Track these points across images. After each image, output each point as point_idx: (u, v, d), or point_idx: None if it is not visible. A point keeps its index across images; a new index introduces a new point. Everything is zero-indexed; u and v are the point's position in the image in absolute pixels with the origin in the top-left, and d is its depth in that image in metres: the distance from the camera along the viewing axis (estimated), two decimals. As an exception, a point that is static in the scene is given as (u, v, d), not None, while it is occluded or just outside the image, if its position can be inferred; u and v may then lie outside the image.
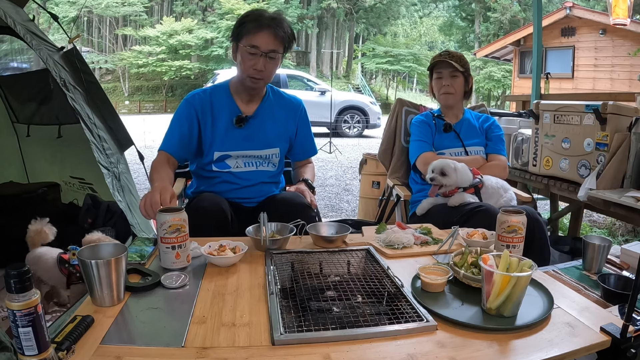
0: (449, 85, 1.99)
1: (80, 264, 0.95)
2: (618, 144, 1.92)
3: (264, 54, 1.54)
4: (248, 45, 1.53)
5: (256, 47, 1.53)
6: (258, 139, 1.70)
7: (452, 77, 1.99)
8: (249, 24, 1.53)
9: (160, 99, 21.39)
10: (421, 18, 27.60)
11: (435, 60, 2.04)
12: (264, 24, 1.52)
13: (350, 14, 24.10)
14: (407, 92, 24.03)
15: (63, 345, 0.77)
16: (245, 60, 1.56)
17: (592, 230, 3.71)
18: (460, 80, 2.00)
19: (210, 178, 1.72)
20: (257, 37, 1.53)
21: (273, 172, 1.77)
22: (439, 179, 1.77)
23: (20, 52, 3.01)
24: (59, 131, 2.81)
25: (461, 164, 1.79)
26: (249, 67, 1.56)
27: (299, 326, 0.89)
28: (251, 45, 1.53)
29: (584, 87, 9.44)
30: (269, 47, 1.54)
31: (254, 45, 1.53)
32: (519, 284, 0.90)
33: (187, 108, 1.67)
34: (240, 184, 1.71)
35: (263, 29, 1.52)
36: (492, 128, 2.09)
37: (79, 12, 19.89)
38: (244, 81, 1.62)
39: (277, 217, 1.41)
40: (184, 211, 1.18)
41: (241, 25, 1.55)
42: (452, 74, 1.98)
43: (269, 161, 1.74)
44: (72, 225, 2.42)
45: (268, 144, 1.72)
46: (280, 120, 1.75)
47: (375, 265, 1.20)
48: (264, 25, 1.52)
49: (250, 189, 1.71)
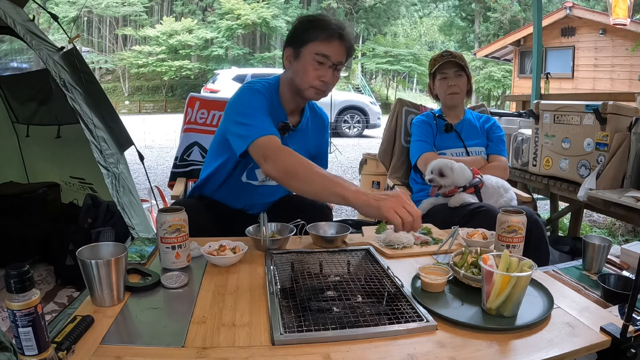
0: (455, 85, 1.99)
1: (80, 264, 0.95)
2: (618, 144, 1.92)
3: (333, 65, 1.42)
4: (317, 53, 1.39)
5: (327, 56, 1.39)
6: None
7: (457, 77, 1.99)
8: (317, 31, 1.39)
9: (160, 99, 21.39)
10: (421, 18, 27.58)
11: (438, 61, 2.02)
12: (334, 33, 1.39)
13: (350, 14, 24.09)
14: (407, 92, 24.02)
15: (63, 345, 0.77)
16: (311, 69, 1.41)
17: (592, 230, 3.71)
18: (464, 79, 2.01)
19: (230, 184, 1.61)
20: (329, 46, 1.39)
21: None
22: (437, 180, 1.77)
23: (20, 52, 3.01)
24: (59, 131, 2.81)
25: (459, 163, 1.79)
26: (314, 77, 1.41)
27: (299, 326, 0.88)
28: (322, 54, 1.39)
29: (584, 87, 9.44)
30: (338, 58, 1.42)
31: (325, 55, 1.39)
32: (519, 284, 0.90)
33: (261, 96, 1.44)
34: (257, 199, 1.63)
35: (334, 38, 1.39)
36: (493, 129, 2.10)
37: (79, 12, 19.88)
38: (305, 92, 1.45)
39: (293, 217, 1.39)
40: (184, 211, 1.18)
41: (307, 31, 1.41)
42: (457, 73, 1.99)
43: None
44: (72, 225, 2.42)
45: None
46: (312, 136, 1.65)
47: (375, 265, 1.20)
48: (334, 35, 1.39)
49: (264, 202, 1.65)
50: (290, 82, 1.48)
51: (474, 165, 1.92)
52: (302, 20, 1.46)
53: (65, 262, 2.27)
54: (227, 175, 1.59)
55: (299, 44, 1.42)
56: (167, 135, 8.91)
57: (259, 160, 1.31)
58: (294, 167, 1.24)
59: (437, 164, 1.78)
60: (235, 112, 1.42)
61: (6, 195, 2.75)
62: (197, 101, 2.40)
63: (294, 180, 1.24)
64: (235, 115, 1.40)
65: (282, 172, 1.25)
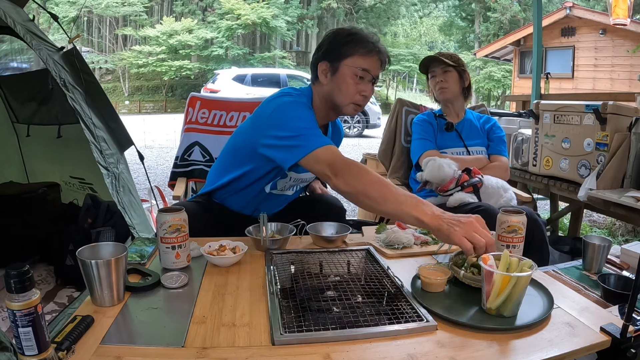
0: (443, 80, 2.03)
1: (80, 264, 0.95)
2: (618, 144, 1.92)
3: (373, 79, 1.41)
4: (358, 67, 1.37)
5: (368, 71, 1.38)
6: None
7: (444, 73, 2.03)
8: (357, 45, 1.37)
9: (160, 99, 21.38)
10: (421, 18, 27.57)
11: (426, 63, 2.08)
12: (373, 48, 1.39)
13: (350, 14, 24.08)
14: (407, 92, 24.02)
15: (63, 345, 0.77)
16: (351, 83, 1.38)
17: (592, 230, 3.71)
18: (453, 74, 2.02)
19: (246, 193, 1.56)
20: (369, 60, 1.38)
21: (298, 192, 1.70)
22: (419, 174, 1.85)
23: (20, 52, 3.02)
24: (59, 131, 2.81)
25: (443, 160, 1.80)
26: (355, 92, 1.39)
27: (299, 326, 0.88)
28: (363, 68, 1.37)
29: (584, 87, 9.44)
30: (377, 72, 1.41)
31: (366, 69, 1.38)
32: (519, 284, 0.90)
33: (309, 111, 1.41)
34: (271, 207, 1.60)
35: (373, 53, 1.39)
36: (494, 129, 2.10)
37: (79, 12, 19.87)
38: (344, 108, 1.43)
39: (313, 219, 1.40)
40: (184, 211, 1.18)
41: (346, 45, 1.38)
42: (443, 69, 2.02)
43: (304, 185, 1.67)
44: (72, 225, 2.42)
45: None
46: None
47: (375, 265, 1.20)
48: (374, 50, 1.39)
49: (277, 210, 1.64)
50: (326, 97, 1.44)
51: (476, 164, 1.93)
52: (338, 34, 1.41)
53: (65, 262, 2.27)
54: (246, 185, 1.54)
55: (337, 58, 1.38)
56: (167, 135, 8.91)
57: (324, 173, 1.25)
58: (368, 186, 1.19)
59: (426, 159, 1.84)
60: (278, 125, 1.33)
61: (6, 195, 2.75)
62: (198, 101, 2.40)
63: (368, 199, 1.19)
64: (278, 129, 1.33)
65: (355, 190, 1.21)
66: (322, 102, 1.46)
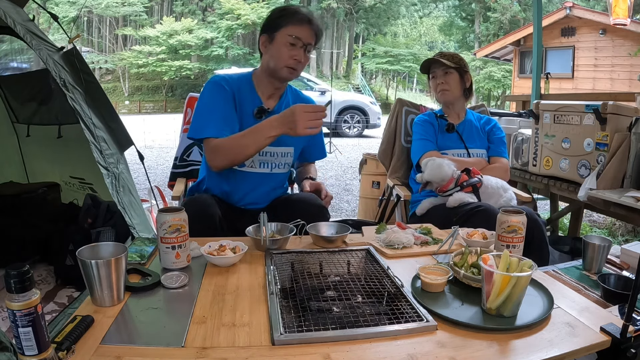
0: (443, 82, 2.02)
1: (80, 264, 0.95)
2: (618, 144, 1.92)
3: (304, 45, 1.58)
4: (290, 35, 1.56)
5: (299, 38, 1.56)
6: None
7: (445, 75, 2.02)
8: (289, 17, 1.58)
9: (160, 99, 21.40)
10: (421, 18, 27.59)
11: (427, 60, 2.08)
12: (305, 18, 1.58)
13: (350, 14, 24.09)
14: (407, 92, 24.02)
15: (63, 345, 0.77)
16: (284, 50, 1.57)
17: (592, 230, 3.71)
18: (454, 76, 2.01)
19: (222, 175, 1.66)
20: (300, 29, 1.57)
21: (283, 175, 1.75)
22: (419, 175, 1.85)
23: (20, 52, 3.01)
24: (59, 131, 2.81)
25: (442, 160, 1.80)
26: (288, 57, 1.57)
27: (299, 326, 0.88)
28: (294, 35, 1.56)
29: (584, 87, 9.44)
30: (308, 40, 1.59)
31: (297, 37, 1.56)
32: (519, 284, 0.90)
33: (220, 90, 1.61)
34: (249, 188, 1.67)
35: (305, 22, 1.58)
36: (494, 130, 2.10)
37: (79, 12, 19.89)
38: (279, 72, 1.61)
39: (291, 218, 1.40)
40: (184, 211, 1.18)
41: (280, 17, 1.59)
42: (444, 71, 2.02)
43: (284, 161, 1.72)
44: (72, 225, 2.42)
45: (284, 142, 1.65)
46: None
47: (375, 265, 1.20)
48: (305, 20, 1.58)
49: (259, 193, 1.69)
50: (266, 66, 1.64)
51: (476, 166, 1.92)
52: (275, 10, 1.64)
53: (65, 262, 2.27)
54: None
55: (273, 29, 1.59)
56: (167, 135, 8.91)
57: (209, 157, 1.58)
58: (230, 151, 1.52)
59: (426, 159, 1.84)
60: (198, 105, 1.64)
61: (6, 195, 2.75)
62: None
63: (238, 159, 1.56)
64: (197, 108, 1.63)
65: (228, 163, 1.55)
66: (264, 73, 1.66)
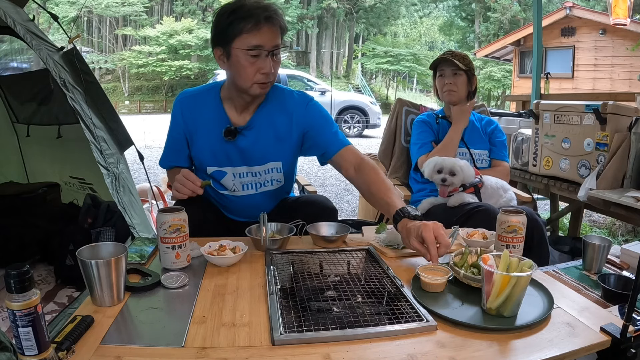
0: (451, 83, 2.00)
1: (80, 264, 0.95)
2: (618, 144, 1.92)
3: (270, 52, 1.31)
4: (248, 47, 1.28)
5: (260, 47, 1.28)
6: (254, 153, 1.46)
7: (454, 75, 2.00)
8: (242, 23, 1.27)
9: (160, 99, 21.39)
10: (421, 18, 27.59)
11: (438, 59, 2.05)
12: (261, 17, 1.26)
13: (350, 14, 24.09)
14: (407, 92, 24.02)
15: (63, 345, 0.77)
16: (247, 65, 1.30)
17: (592, 230, 3.71)
18: (462, 78, 2.00)
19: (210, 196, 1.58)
20: (259, 35, 1.27)
21: (278, 189, 1.57)
22: (450, 179, 1.75)
23: (20, 52, 3.01)
24: (59, 131, 2.81)
25: (463, 160, 1.79)
26: (253, 73, 1.31)
27: (299, 326, 0.88)
28: (253, 46, 1.28)
29: (584, 87, 9.44)
30: (273, 43, 1.30)
31: (257, 46, 1.28)
32: (519, 284, 0.90)
33: (174, 120, 1.51)
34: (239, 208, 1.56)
35: (262, 24, 1.27)
36: (496, 132, 2.10)
37: (79, 12, 19.88)
38: (249, 90, 1.36)
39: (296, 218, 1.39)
40: (184, 211, 1.18)
41: (231, 25, 1.28)
42: (454, 72, 1.99)
43: (272, 178, 1.52)
44: (72, 225, 2.42)
45: (267, 158, 1.48)
46: (282, 129, 1.47)
47: (375, 265, 1.20)
48: (263, 20, 1.26)
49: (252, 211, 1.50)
50: (232, 81, 1.39)
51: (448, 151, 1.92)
52: (222, 14, 1.31)
53: (65, 262, 2.27)
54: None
55: (226, 41, 1.31)
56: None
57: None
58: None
59: (445, 162, 1.77)
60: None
61: (6, 195, 2.75)
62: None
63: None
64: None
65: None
66: (232, 87, 1.41)
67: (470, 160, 2.00)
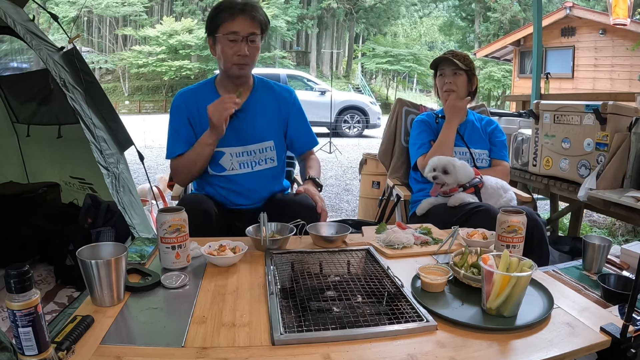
0: (451, 83, 2.00)
1: (80, 264, 0.95)
2: (618, 144, 1.92)
3: (244, 38, 1.54)
4: (227, 32, 1.54)
5: (236, 32, 1.53)
6: (249, 133, 1.67)
7: (454, 75, 1.99)
8: (222, 14, 1.54)
9: (160, 99, 21.39)
10: (421, 18, 27.59)
11: (438, 59, 2.05)
12: (237, 9, 1.53)
13: (350, 14, 24.09)
14: (407, 92, 24.03)
15: (63, 345, 0.77)
16: (227, 49, 1.56)
17: (592, 230, 3.71)
18: (463, 78, 2.00)
19: (210, 182, 1.70)
20: (235, 23, 1.53)
21: (272, 169, 1.73)
22: (441, 177, 1.76)
23: (20, 52, 3.01)
24: (59, 131, 2.80)
25: (461, 161, 1.79)
26: (231, 55, 1.56)
27: (299, 326, 0.88)
28: (230, 32, 1.53)
29: (584, 87, 9.44)
30: (248, 30, 1.54)
31: (234, 32, 1.53)
32: (519, 284, 0.90)
33: (174, 110, 1.69)
34: (235, 189, 1.68)
35: (238, 14, 1.53)
36: (496, 132, 2.09)
37: (79, 12, 19.88)
38: (230, 71, 1.60)
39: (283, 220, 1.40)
40: (184, 211, 1.18)
41: (215, 17, 1.56)
42: (454, 71, 1.99)
43: (265, 157, 1.70)
44: (72, 225, 2.42)
45: (261, 137, 1.69)
46: (272, 112, 1.72)
47: (375, 265, 1.20)
48: (238, 11, 1.53)
49: (248, 193, 1.69)
50: (220, 68, 1.65)
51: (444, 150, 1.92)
52: (210, 11, 1.61)
53: (65, 262, 2.27)
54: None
55: (213, 31, 1.58)
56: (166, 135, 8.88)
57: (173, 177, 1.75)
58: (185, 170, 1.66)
59: (440, 161, 1.77)
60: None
61: (6, 195, 2.75)
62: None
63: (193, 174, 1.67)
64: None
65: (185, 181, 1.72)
66: (222, 75, 1.68)
67: (470, 160, 2.00)
